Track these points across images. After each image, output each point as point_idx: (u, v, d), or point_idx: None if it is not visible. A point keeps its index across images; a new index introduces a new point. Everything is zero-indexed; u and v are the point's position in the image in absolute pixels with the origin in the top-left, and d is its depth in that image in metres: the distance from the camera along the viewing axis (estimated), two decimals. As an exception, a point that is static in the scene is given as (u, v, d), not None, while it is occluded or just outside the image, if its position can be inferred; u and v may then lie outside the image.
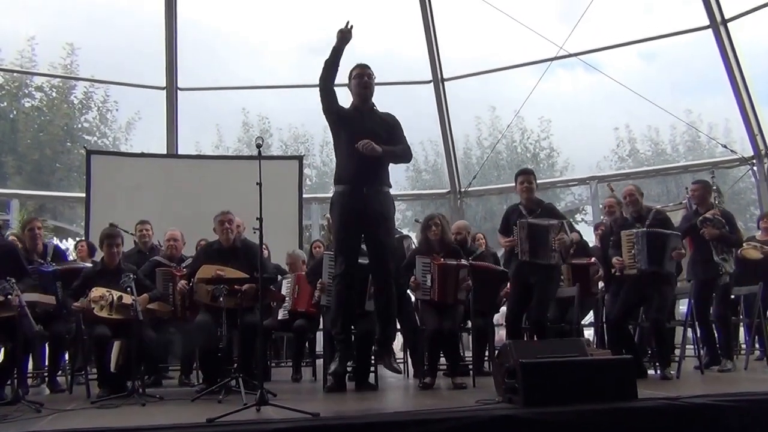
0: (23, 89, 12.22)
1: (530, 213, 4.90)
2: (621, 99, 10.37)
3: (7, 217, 9.86)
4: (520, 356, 3.71)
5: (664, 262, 4.93)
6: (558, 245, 4.71)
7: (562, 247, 4.74)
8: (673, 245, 4.95)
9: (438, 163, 12.89)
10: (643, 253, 4.91)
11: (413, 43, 10.42)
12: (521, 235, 4.78)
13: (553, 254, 4.72)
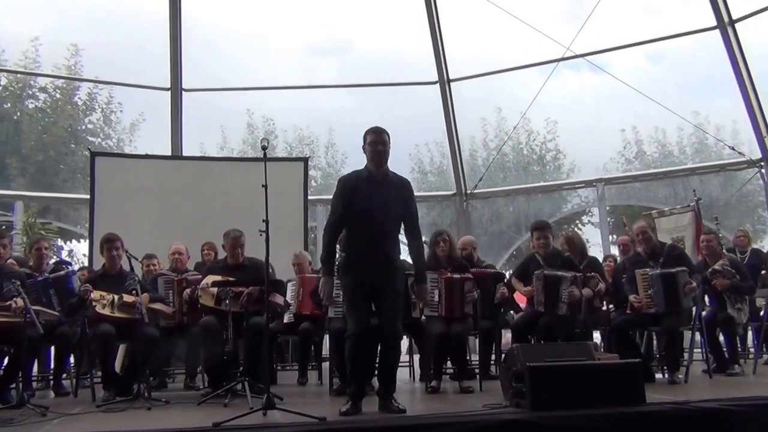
0: (27, 90, 12.20)
1: (549, 265, 5.02)
2: (627, 100, 10.35)
3: (11, 218, 9.89)
4: (528, 360, 3.72)
5: (681, 300, 4.96)
6: (567, 298, 4.84)
7: (571, 300, 4.85)
8: (684, 281, 4.98)
9: (443, 164, 12.86)
10: (660, 296, 4.95)
11: (418, 43, 10.44)
12: (537, 286, 4.93)
13: (562, 305, 4.85)
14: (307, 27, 12.55)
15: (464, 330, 4.95)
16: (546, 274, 4.90)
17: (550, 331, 4.82)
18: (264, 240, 4.23)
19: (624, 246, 5.90)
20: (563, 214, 11.95)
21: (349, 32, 13.17)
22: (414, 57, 12.52)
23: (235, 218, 7.52)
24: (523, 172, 12.28)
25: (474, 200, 10.20)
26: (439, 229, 5.41)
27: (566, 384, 3.54)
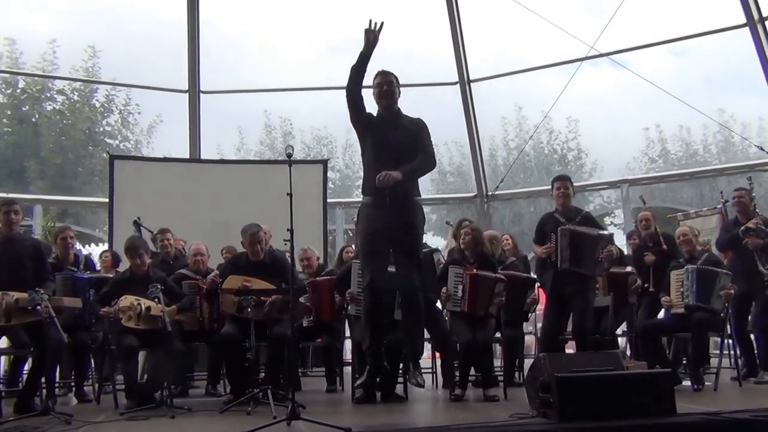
0: (45, 93, 12.38)
1: (568, 221, 4.84)
2: (651, 98, 10.23)
3: (31, 223, 10.04)
4: (555, 369, 3.70)
5: (712, 299, 4.92)
6: (606, 257, 4.74)
7: (609, 259, 4.78)
8: (723, 284, 4.95)
9: (463, 165, 12.83)
10: (691, 289, 4.91)
11: (437, 43, 10.41)
12: (562, 243, 4.70)
13: (599, 266, 4.74)
14: (323, 25, 12.58)
15: (490, 337, 4.93)
16: (573, 230, 4.70)
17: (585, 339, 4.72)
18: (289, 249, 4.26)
19: (645, 221, 5.78)
20: (586, 215, 11.84)
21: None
22: (432, 56, 12.53)
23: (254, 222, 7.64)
24: (545, 172, 12.20)
25: (495, 202, 10.15)
26: (462, 219, 5.38)
27: (595, 394, 3.51)
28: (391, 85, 4.32)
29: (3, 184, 11.46)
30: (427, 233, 12.57)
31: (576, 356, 4.27)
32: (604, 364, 3.86)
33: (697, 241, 5.28)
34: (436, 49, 10.57)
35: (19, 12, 11.73)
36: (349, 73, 4.43)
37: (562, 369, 3.73)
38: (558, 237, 4.72)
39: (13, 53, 11.98)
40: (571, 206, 4.98)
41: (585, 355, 4.15)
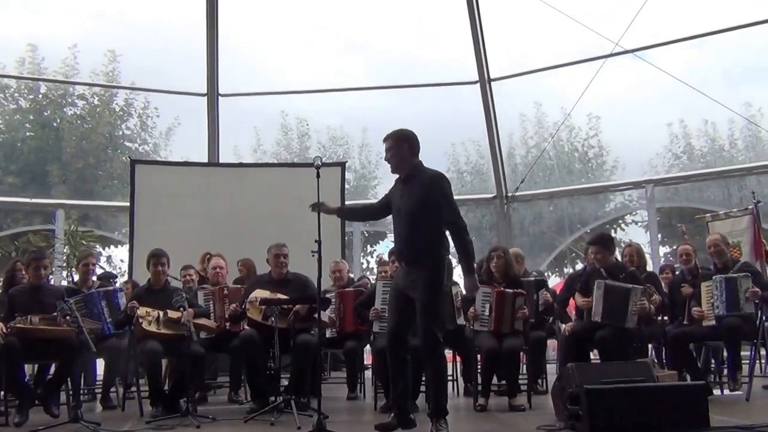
0: (67, 98, 12.47)
1: (613, 277, 4.90)
2: (673, 92, 10.06)
3: (53, 227, 10.15)
4: (584, 380, 3.66)
5: (741, 304, 4.88)
6: (639, 309, 4.73)
7: (641, 312, 4.74)
8: (746, 286, 4.91)
9: (480, 163, 12.72)
10: (721, 299, 4.89)
11: (455, 39, 10.30)
12: (596, 295, 4.81)
13: (633, 318, 4.73)
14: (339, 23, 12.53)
15: (518, 345, 4.91)
16: (608, 284, 4.79)
17: (607, 345, 4.70)
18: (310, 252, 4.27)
19: (686, 255, 5.72)
20: (607, 214, 11.68)
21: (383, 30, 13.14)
22: (451, 53, 12.40)
23: (274, 225, 7.65)
24: (566, 171, 12.05)
25: (515, 203, 10.04)
26: (495, 245, 5.40)
27: (625, 407, 3.47)
28: (389, 152, 4.08)
29: (26, 188, 11.62)
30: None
31: (605, 366, 4.20)
32: (634, 375, 3.81)
33: (728, 249, 5.18)
34: (456, 46, 10.49)
35: (40, 18, 11.87)
36: None
37: (591, 380, 3.69)
38: (594, 290, 4.84)
39: (35, 59, 12.10)
40: (616, 263, 5.07)
41: (614, 365, 4.08)
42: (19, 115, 12.22)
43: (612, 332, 4.70)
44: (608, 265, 4.97)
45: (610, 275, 4.91)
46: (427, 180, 3.95)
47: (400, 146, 4.02)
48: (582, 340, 4.89)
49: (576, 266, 12.57)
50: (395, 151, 4.03)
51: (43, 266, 5.08)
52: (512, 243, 9.95)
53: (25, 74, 12.10)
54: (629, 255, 5.68)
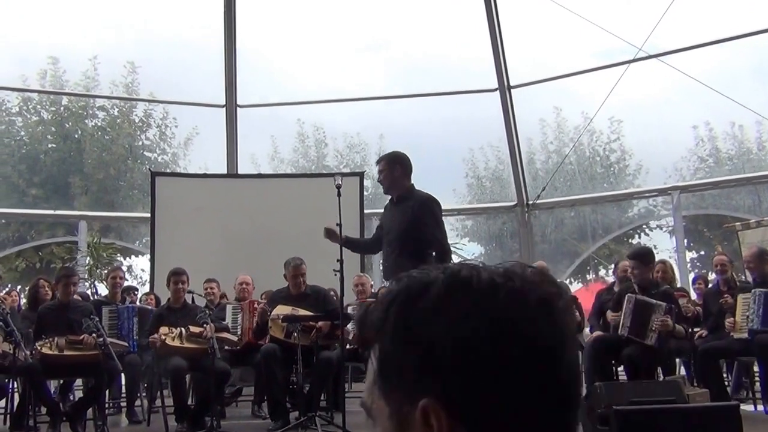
0: (88, 110, 12.68)
1: (644, 293, 4.84)
2: (698, 94, 9.89)
3: (76, 239, 10.29)
4: (612, 400, 3.61)
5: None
6: (660, 326, 4.63)
7: (663, 329, 4.64)
8: None
9: (499, 169, 12.63)
10: (757, 313, 4.79)
11: (474, 44, 10.24)
12: (626, 310, 4.76)
13: (651, 334, 4.65)
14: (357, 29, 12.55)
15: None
16: (638, 298, 4.74)
17: (634, 363, 4.65)
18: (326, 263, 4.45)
19: (722, 266, 5.64)
20: (631, 220, 11.53)
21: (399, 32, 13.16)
22: (469, 58, 12.38)
23: (293, 236, 7.67)
24: (587, 176, 11.91)
25: (536, 211, 9.95)
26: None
27: (655, 429, 3.40)
28: (381, 173, 4.24)
29: (49, 200, 11.83)
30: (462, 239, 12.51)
31: (634, 385, 4.13)
32: (664, 394, 3.74)
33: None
34: (475, 53, 10.43)
35: (61, 31, 12.06)
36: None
37: (620, 399, 3.63)
38: (624, 304, 4.80)
39: (56, 71, 12.29)
40: (652, 279, 5.02)
41: (643, 384, 4.02)
42: (41, 127, 12.47)
43: (639, 350, 4.64)
44: (643, 281, 4.91)
45: (643, 291, 4.85)
46: (418, 203, 4.07)
47: (393, 168, 4.17)
48: (608, 353, 4.83)
49: (599, 272, 12.45)
50: (387, 173, 4.18)
51: (73, 283, 5.20)
52: (533, 251, 9.86)
53: (47, 86, 12.30)
54: (662, 271, 5.61)
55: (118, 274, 6.31)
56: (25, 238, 11.53)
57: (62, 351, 4.75)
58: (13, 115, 12.37)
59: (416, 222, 3.98)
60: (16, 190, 11.86)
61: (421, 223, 3.97)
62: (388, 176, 4.16)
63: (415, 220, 4.00)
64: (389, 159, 4.22)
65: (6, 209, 11.40)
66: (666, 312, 4.63)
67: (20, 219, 11.35)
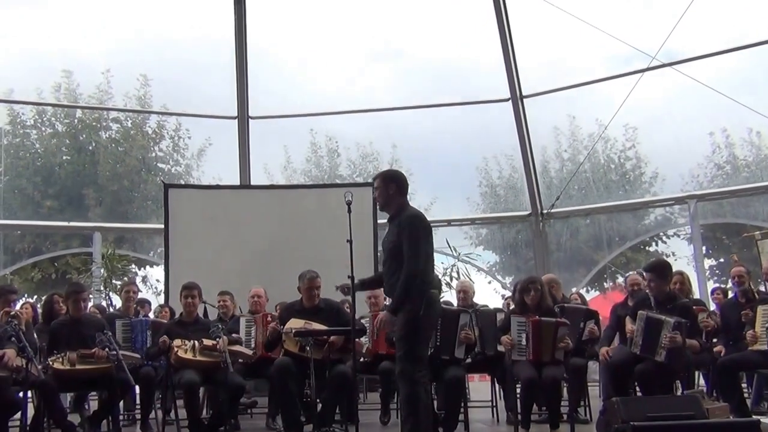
0: (101, 122, 12.74)
1: (660, 307, 4.78)
2: (714, 100, 9.80)
3: (90, 250, 10.38)
4: (629, 416, 3.58)
5: None
6: (669, 342, 4.53)
7: (672, 345, 4.53)
8: None
9: (513, 177, 12.57)
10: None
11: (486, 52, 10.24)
12: (638, 327, 4.70)
13: (660, 351, 4.56)
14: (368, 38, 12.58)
15: (559, 375, 4.83)
16: (648, 315, 4.68)
17: (646, 379, 4.59)
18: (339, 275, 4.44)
19: (739, 278, 5.57)
20: (648, 228, 11.44)
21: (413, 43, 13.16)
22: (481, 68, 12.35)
23: (306, 247, 7.70)
24: (602, 184, 11.83)
25: (551, 219, 9.90)
26: (531, 276, 5.36)
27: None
28: (376, 191, 4.26)
29: (64, 211, 11.89)
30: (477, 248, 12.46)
31: (652, 400, 4.08)
32: (683, 409, 3.70)
33: None
34: (487, 62, 10.44)
35: (75, 44, 12.17)
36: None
37: (637, 415, 3.60)
38: (637, 321, 4.74)
39: (70, 84, 12.40)
40: (670, 292, 4.94)
41: (661, 399, 3.97)
42: (55, 139, 12.55)
43: (652, 366, 4.57)
44: (660, 294, 4.83)
45: (659, 305, 4.78)
46: (404, 220, 4.08)
47: (387, 186, 4.18)
48: (624, 372, 4.76)
49: (617, 280, 12.33)
50: (381, 191, 4.20)
51: (82, 299, 5.28)
52: (548, 259, 9.82)
53: (62, 99, 12.40)
54: (679, 282, 5.55)
55: (132, 288, 6.38)
56: (40, 249, 11.61)
57: (74, 365, 4.82)
58: (28, 128, 12.46)
59: (399, 242, 4.03)
60: (31, 202, 11.92)
61: (406, 244, 4.00)
62: (383, 194, 4.19)
63: (398, 240, 4.04)
64: (384, 177, 4.25)
65: (21, 221, 11.51)
66: (675, 328, 4.53)
67: (35, 231, 11.46)
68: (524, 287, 5.05)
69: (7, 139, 12.18)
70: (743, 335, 4.93)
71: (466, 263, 9.64)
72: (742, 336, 4.94)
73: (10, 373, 4.57)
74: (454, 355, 5.01)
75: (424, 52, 12.92)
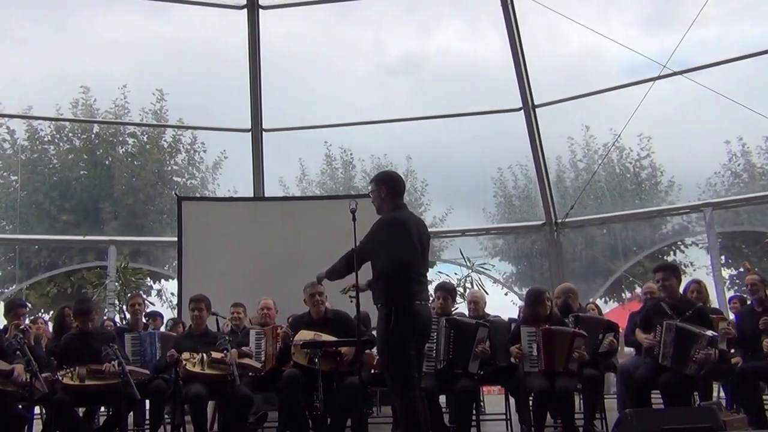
0: (118, 137, 12.93)
1: (678, 313, 4.66)
2: (730, 108, 9.72)
3: (105, 263, 10.41)
4: (644, 429, 3.49)
5: None
6: (704, 359, 4.40)
7: (705, 362, 4.42)
8: None
9: (528, 188, 12.52)
10: None
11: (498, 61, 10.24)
12: (666, 338, 4.54)
13: (692, 365, 4.43)
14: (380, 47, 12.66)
15: (572, 385, 4.75)
16: (679, 326, 4.53)
17: (674, 391, 4.45)
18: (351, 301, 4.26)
19: (753, 286, 5.46)
20: (664, 238, 11.31)
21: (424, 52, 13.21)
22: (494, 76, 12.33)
23: (320, 259, 7.62)
24: (617, 194, 11.75)
25: (565, 229, 9.82)
26: (537, 287, 5.28)
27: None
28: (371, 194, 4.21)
29: (80, 225, 12.00)
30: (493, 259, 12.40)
31: (667, 412, 3.99)
32: (699, 421, 3.61)
33: None
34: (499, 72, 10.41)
35: (92, 60, 12.32)
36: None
37: (652, 427, 3.52)
38: (663, 331, 4.57)
39: (87, 100, 12.57)
40: (682, 297, 4.84)
41: (677, 410, 3.87)
42: (73, 154, 12.72)
43: (677, 377, 4.45)
44: (673, 298, 4.73)
45: (675, 310, 4.66)
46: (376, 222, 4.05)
47: (379, 189, 4.11)
48: (647, 385, 4.64)
49: (634, 290, 12.20)
50: (375, 194, 4.14)
51: (90, 320, 5.24)
52: (564, 269, 9.72)
53: (79, 114, 12.58)
54: (696, 291, 5.45)
55: (137, 301, 6.35)
56: (56, 263, 11.69)
57: (83, 381, 4.81)
58: (45, 144, 12.65)
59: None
60: (47, 216, 12.07)
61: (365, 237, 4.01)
62: (377, 197, 4.12)
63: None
64: (377, 179, 4.18)
65: (38, 235, 11.58)
66: (708, 343, 4.40)
67: (51, 245, 11.53)
68: (535, 300, 4.99)
69: (25, 155, 12.39)
70: (761, 344, 4.81)
71: (481, 274, 9.55)
72: (759, 345, 4.82)
73: (17, 389, 4.54)
74: (468, 369, 4.94)
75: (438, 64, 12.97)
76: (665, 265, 4.92)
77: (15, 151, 12.30)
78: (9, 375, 4.47)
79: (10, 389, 4.50)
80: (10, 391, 4.50)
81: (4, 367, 4.51)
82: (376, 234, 3.93)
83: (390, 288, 3.82)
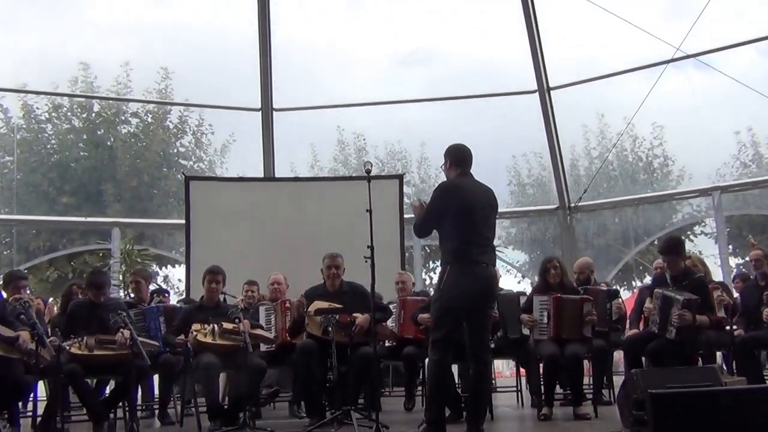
0: (120, 116, 12.91)
1: (676, 283, 5.01)
2: (741, 99, 10.03)
3: (110, 246, 10.39)
4: (648, 386, 3.78)
5: None
6: (677, 321, 4.74)
7: (681, 323, 4.74)
8: None
9: (543, 176, 12.83)
10: None
11: (512, 47, 10.50)
12: (655, 305, 4.95)
13: (671, 329, 4.79)
14: (394, 36, 12.89)
15: (582, 351, 5.09)
16: (663, 293, 4.92)
17: (658, 357, 4.86)
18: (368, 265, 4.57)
19: (756, 261, 5.82)
20: (674, 225, 11.68)
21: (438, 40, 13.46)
22: (508, 62, 12.64)
23: (331, 240, 7.85)
24: (630, 180, 12.11)
25: (578, 213, 10.17)
26: (550, 256, 5.66)
27: (692, 412, 3.57)
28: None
29: (81, 208, 12.03)
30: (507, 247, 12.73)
31: (671, 372, 4.32)
32: (701, 380, 3.91)
33: None
34: (514, 56, 10.66)
35: (92, 36, 12.43)
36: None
37: (657, 385, 3.80)
38: (653, 299, 4.98)
39: (87, 77, 12.59)
40: (686, 268, 5.15)
41: (680, 370, 4.22)
42: (72, 134, 12.67)
43: (661, 344, 4.83)
44: (676, 271, 5.06)
45: (674, 281, 5.01)
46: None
47: (445, 162, 4.49)
48: (637, 349, 5.06)
49: (645, 278, 12.56)
50: (444, 166, 4.52)
51: (103, 294, 5.21)
52: (577, 256, 10.03)
53: (78, 93, 12.52)
54: (701, 263, 5.82)
55: (136, 278, 6.36)
56: (56, 247, 11.68)
57: (92, 351, 4.77)
58: (42, 123, 12.55)
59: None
60: (46, 198, 12.03)
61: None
62: (445, 168, 4.51)
63: None
64: (445, 152, 4.53)
65: (36, 216, 11.56)
66: (684, 306, 4.73)
67: (51, 227, 11.53)
68: (544, 268, 5.36)
69: (21, 134, 12.32)
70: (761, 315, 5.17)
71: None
72: (761, 317, 5.17)
73: (22, 356, 4.47)
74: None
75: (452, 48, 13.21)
76: (666, 248, 5.19)
77: (9, 129, 12.25)
78: (14, 341, 4.44)
79: (15, 356, 4.48)
80: (15, 359, 4.48)
81: (9, 333, 4.47)
82: (433, 199, 4.32)
83: (446, 248, 4.22)
